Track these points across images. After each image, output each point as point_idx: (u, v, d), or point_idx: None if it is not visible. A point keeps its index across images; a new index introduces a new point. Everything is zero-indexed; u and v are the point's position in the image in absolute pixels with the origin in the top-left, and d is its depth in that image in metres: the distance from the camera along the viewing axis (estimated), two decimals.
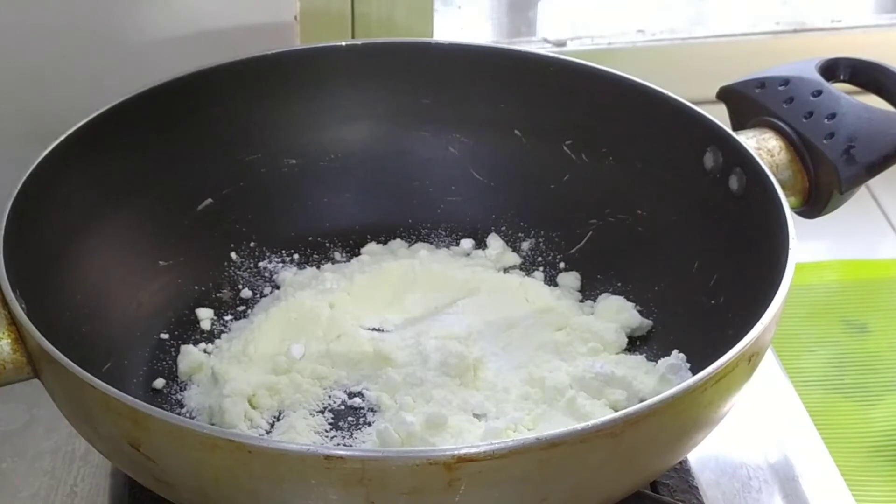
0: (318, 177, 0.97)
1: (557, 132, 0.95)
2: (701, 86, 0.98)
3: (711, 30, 1.25)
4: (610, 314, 0.89)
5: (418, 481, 0.65)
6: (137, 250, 0.90)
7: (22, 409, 0.90)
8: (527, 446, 0.65)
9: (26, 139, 0.87)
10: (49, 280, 0.81)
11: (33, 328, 0.72)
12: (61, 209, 0.84)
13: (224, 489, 0.67)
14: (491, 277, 0.93)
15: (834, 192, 0.88)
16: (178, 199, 0.93)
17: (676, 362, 0.83)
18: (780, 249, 0.77)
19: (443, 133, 0.98)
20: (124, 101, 0.89)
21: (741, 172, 0.85)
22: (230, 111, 0.94)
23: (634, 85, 0.92)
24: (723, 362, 0.69)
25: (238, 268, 0.94)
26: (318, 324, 0.88)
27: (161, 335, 0.89)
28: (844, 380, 1.05)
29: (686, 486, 0.83)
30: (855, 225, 1.17)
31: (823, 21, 1.26)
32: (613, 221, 0.93)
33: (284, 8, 1.00)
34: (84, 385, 0.69)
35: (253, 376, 0.85)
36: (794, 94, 0.90)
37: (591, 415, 0.80)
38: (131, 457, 0.69)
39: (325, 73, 0.96)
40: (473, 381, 0.84)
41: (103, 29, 0.97)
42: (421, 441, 0.78)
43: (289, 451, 0.65)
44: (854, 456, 0.98)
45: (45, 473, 0.86)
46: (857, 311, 1.12)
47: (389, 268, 0.93)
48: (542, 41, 1.23)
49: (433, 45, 0.99)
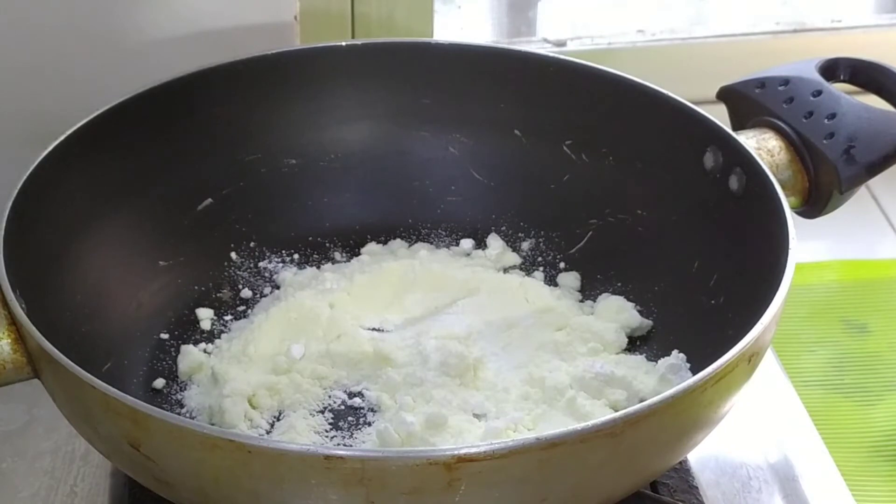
0: (318, 177, 0.97)
1: (557, 132, 0.95)
2: (701, 86, 0.98)
3: (711, 30, 1.25)
4: (610, 314, 0.89)
5: (418, 481, 0.65)
6: (137, 250, 0.90)
7: (22, 409, 0.90)
8: (527, 446, 0.65)
9: (26, 139, 0.87)
10: (49, 280, 0.81)
11: (33, 328, 0.72)
12: (61, 209, 0.84)
13: (224, 489, 0.67)
14: (491, 277, 0.93)
15: (834, 192, 0.88)
16: (178, 199, 0.93)
17: (676, 362, 0.83)
18: (780, 249, 0.77)
19: (443, 133, 0.98)
20: (124, 101, 0.89)
21: (741, 172, 0.85)
22: (230, 111, 0.94)
23: (634, 85, 0.92)
24: (723, 362, 0.69)
25: (238, 268, 0.94)
26: (318, 324, 0.88)
27: (161, 335, 0.89)
28: (844, 380, 1.05)
29: (686, 486, 0.83)
30: (855, 225, 1.17)
31: (823, 21, 1.26)
32: (613, 221, 0.93)
33: (284, 8, 1.00)
34: (84, 385, 0.69)
35: (253, 376, 0.85)
36: (794, 94, 0.90)
37: (591, 415, 0.80)
38: (131, 457, 0.69)
39: (325, 73, 0.96)
40: (473, 381, 0.84)
41: (103, 29, 0.97)
42: (421, 441, 0.78)
43: (289, 451, 0.65)
44: (854, 456, 0.98)
45: (45, 473, 0.86)
46: (857, 311, 1.11)
47: (389, 268, 0.93)
48: (542, 41, 1.23)
49: (433, 45, 0.99)
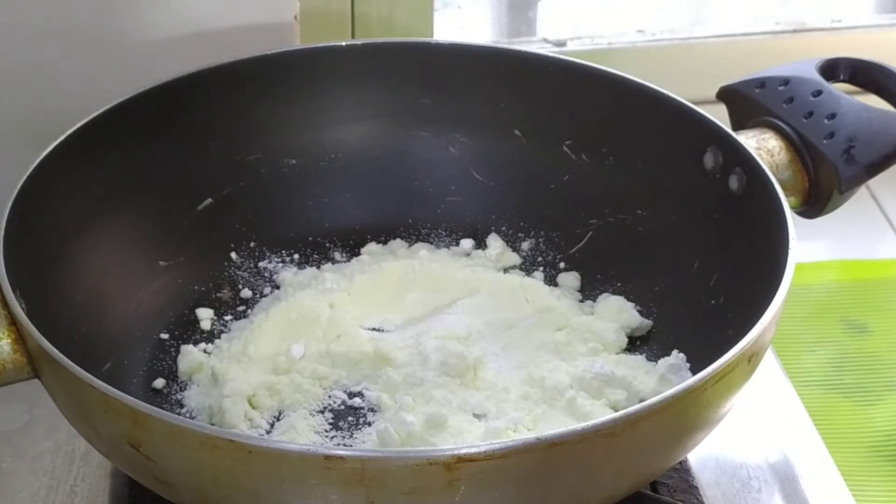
0: (318, 177, 0.97)
1: (557, 132, 0.95)
2: (701, 86, 0.98)
3: (711, 30, 1.25)
4: (610, 314, 0.89)
5: (418, 481, 0.65)
6: (137, 250, 0.90)
7: (22, 409, 0.90)
8: (527, 446, 0.65)
9: (26, 139, 0.87)
10: (49, 280, 0.81)
11: (33, 328, 0.72)
12: (61, 209, 0.84)
13: (224, 489, 0.67)
14: (491, 277, 0.93)
15: (834, 192, 0.88)
16: (178, 199, 0.93)
17: (676, 362, 0.83)
18: (780, 249, 0.77)
19: (443, 133, 0.98)
20: (124, 101, 0.89)
21: (741, 172, 0.85)
22: (230, 111, 0.94)
23: (634, 85, 0.92)
24: (723, 362, 0.69)
25: (238, 268, 0.94)
26: (318, 324, 0.88)
27: (161, 335, 0.89)
28: (844, 380, 1.05)
29: (686, 486, 0.83)
30: (855, 225, 1.17)
31: (823, 21, 1.26)
32: (613, 221, 0.93)
33: (284, 8, 1.00)
34: (84, 385, 0.69)
35: (253, 376, 0.85)
36: (794, 94, 0.90)
37: (591, 415, 0.80)
38: (131, 457, 0.69)
39: (325, 73, 0.96)
40: (473, 381, 0.84)
41: (103, 29, 0.97)
42: (421, 441, 0.78)
43: (289, 451, 0.65)
44: (854, 456, 0.98)
45: (45, 473, 0.86)
46: (857, 311, 1.11)
47: (389, 268, 0.93)
48: (542, 41, 1.23)
49: (433, 45, 0.99)
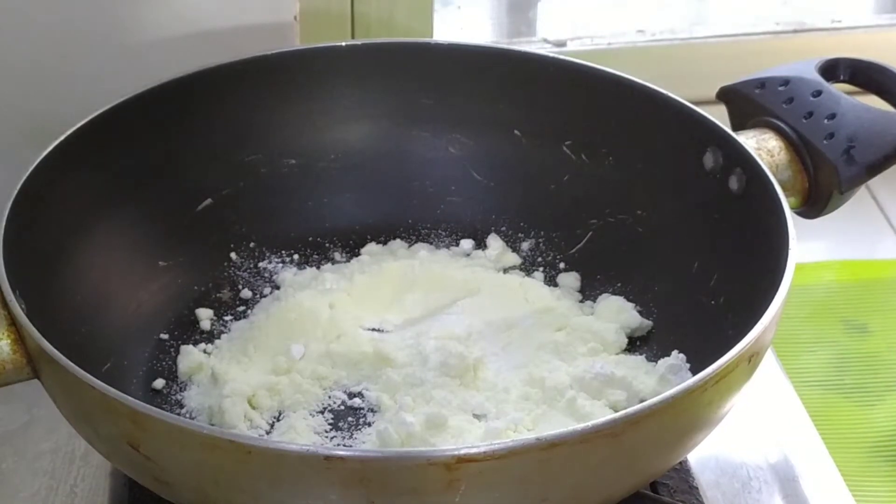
0: (318, 177, 0.97)
1: (557, 132, 0.95)
2: (701, 86, 0.98)
3: (711, 30, 1.25)
4: (610, 314, 0.89)
5: (418, 481, 0.65)
6: (137, 250, 0.90)
7: (22, 409, 0.90)
8: (527, 446, 0.65)
9: (26, 139, 0.87)
10: (49, 280, 0.81)
11: (33, 328, 0.72)
12: (61, 209, 0.84)
13: (224, 489, 0.67)
14: (491, 278, 0.93)
15: (834, 193, 0.88)
16: (178, 199, 0.92)
17: (676, 362, 0.83)
18: (780, 249, 0.77)
19: (443, 133, 0.98)
20: (124, 101, 0.89)
21: (741, 172, 0.85)
22: (230, 111, 0.94)
23: (634, 85, 0.92)
24: (723, 362, 0.69)
25: (238, 268, 0.94)
26: (318, 324, 0.88)
27: (161, 335, 0.89)
28: (844, 380, 1.05)
29: (686, 487, 0.83)
30: (855, 225, 1.17)
31: (823, 21, 1.26)
32: (613, 221, 0.93)
33: (284, 8, 1.00)
34: (84, 385, 0.69)
35: (253, 376, 0.85)
36: (794, 94, 0.90)
37: (591, 415, 0.80)
38: (131, 457, 0.69)
39: (325, 73, 0.96)
40: (473, 382, 0.84)
41: (103, 29, 0.97)
42: (421, 441, 0.78)
43: (289, 452, 0.65)
44: (854, 456, 0.98)
45: (45, 473, 0.86)
46: (857, 311, 1.11)
47: (389, 268, 0.93)
48: (542, 41, 1.23)
49: (433, 45, 0.99)
